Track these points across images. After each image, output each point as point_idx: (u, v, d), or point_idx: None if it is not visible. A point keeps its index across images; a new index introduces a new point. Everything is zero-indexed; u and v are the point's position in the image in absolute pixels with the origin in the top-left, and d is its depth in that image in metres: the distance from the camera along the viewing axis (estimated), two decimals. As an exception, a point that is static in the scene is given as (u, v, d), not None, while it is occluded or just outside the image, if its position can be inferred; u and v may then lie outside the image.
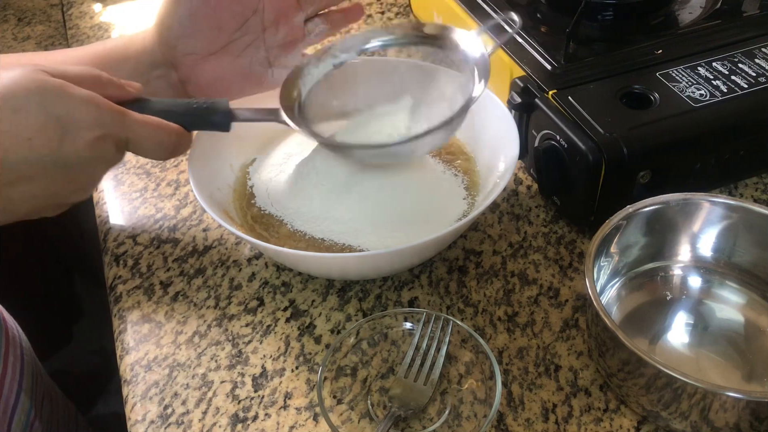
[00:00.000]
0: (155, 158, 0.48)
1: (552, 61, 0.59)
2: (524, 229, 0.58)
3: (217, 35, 0.53)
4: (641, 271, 0.51)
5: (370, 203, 0.53)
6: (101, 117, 0.42)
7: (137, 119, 0.44)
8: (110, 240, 0.60)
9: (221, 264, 0.57)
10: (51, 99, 0.40)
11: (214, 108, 0.49)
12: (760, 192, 0.60)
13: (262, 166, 0.60)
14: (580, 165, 0.51)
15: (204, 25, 0.52)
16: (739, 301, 0.50)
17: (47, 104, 0.40)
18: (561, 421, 0.45)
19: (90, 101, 0.41)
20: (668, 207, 0.49)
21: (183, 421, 0.46)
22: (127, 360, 0.50)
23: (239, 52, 0.55)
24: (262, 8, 0.54)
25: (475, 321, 0.51)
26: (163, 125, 0.46)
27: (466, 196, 0.57)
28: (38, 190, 0.42)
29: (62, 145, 0.41)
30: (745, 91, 0.54)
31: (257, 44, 0.55)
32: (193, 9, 0.51)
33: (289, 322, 0.52)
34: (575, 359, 0.48)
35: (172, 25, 0.52)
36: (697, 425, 0.41)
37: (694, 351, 0.47)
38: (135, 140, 0.45)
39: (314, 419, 0.46)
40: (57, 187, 0.43)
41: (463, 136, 0.62)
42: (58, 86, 0.40)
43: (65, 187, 0.43)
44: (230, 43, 0.54)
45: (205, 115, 0.49)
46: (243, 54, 0.55)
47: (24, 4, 1.04)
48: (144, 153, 0.47)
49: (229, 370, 0.49)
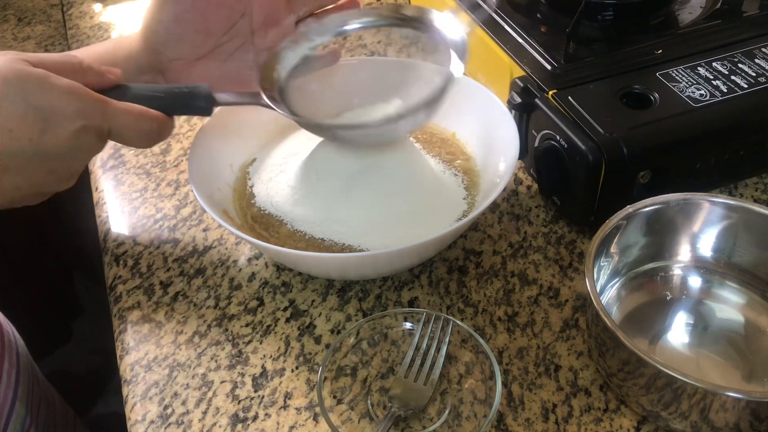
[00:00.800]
0: (137, 146, 0.47)
1: (552, 61, 0.59)
2: (524, 229, 0.58)
3: (204, 39, 0.52)
4: (641, 271, 0.51)
5: (370, 203, 0.53)
6: (83, 107, 0.41)
7: (119, 108, 0.44)
8: (110, 240, 0.60)
9: (221, 264, 0.57)
10: (32, 89, 0.39)
11: (195, 93, 0.49)
12: (760, 192, 0.60)
13: (262, 166, 0.60)
14: (580, 165, 0.51)
15: (191, 30, 0.51)
16: (739, 301, 0.50)
17: (28, 95, 0.39)
18: (561, 421, 0.45)
19: (72, 91, 0.41)
20: (668, 207, 0.49)
21: (183, 421, 0.46)
22: (127, 360, 0.50)
23: (227, 57, 0.53)
24: (250, 11, 0.53)
25: (475, 321, 0.51)
26: (144, 113, 0.45)
27: (466, 196, 0.57)
28: (20, 180, 0.41)
29: (43, 136, 0.40)
30: (745, 91, 0.54)
31: (245, 48, 0.54)
32: (179, 13, 0.50)
33: (289, 322, 0.52)
34: (575, 359, 0.48)
35: (158, 30, 0.51)
36: (697, 425, 0.41)
37: (694, 351, 0.47)
38: (117, 130, 0.44)
39: (314, 419, 0.46)
40: (38, 178, 0.42)
41: (463, 136, 0.62)
42: (39, 76, 0.40)
43: (47, 177, 0.43)
44: (218, 47, 0.53)
45: (187, 100, 0.48)
46: (231, 58, 0.54)
47: (24, 4, 1.04)
48: (126, 141, 0.46)
49: (229, 370, 0.49)
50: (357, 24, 0.56)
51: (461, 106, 0.60)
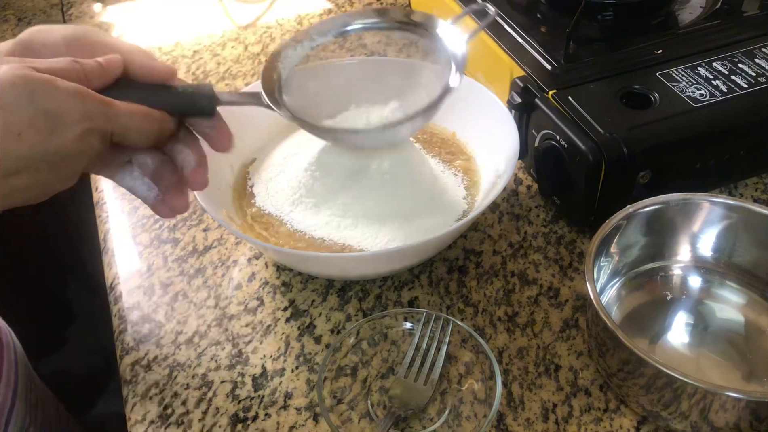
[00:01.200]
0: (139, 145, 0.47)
1: (552, 61, 0.59)
2: (524, 229, 0.58)
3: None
4: (641, 271, 0.51)
5: (370, 203, 0.53)
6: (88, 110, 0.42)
7: (123, 110, 0.44)
8: (110, 240, 0.60)
9: (221, 264, 0.57)
10: (39, 93, 0.40)
11: (198, 92, 0.49)
12: (760, 192, 0.60)
13: (262, 166, 0.60)
14: (580, 165, 0.51)
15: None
16: (739, 301, 0.50)
17: (35, 99, 0.40)
18: (561, 421, 0.45)
19: (77, 94, 0.41)
20: (668, 207, 0.49)
21: (183, 421, 0.46)
22: (127, 360, 0.50)
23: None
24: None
25: (475, 321, 0.51)
26: (148, 114, 0.45)
27: (466, 196, 0.57)
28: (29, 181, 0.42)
29: (51, 138, 0.41)
30: (745, 91, 0.54)
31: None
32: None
33: (289, 322, 0.52)
34: (575, 359, 0.48)
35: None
36: (697, 425, 0.41)
37: (694, 351, 0.47)
38: (120, 131, 0.44)
39: (314, 419, 0.46)
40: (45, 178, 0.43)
41: (463, 136, 0.62)
42: (45, 81, 0.40)
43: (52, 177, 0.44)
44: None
45: (190, 100, 0.49)
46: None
47: (24, 4, 1.04)
48: (128, 142, 0.46)
49: (229, 370, 0.49)
50: (359, 25, 0.56)
51: (461, 106, 0.60)
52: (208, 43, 0.85)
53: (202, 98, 0.49)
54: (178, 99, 0.48)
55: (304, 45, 0.55)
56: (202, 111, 0.49)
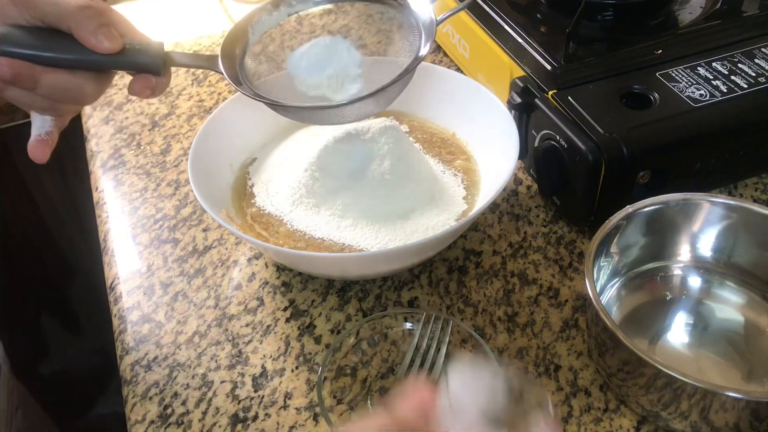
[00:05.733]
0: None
1: (552, 61, 0.59)
2: (524, 229, 0.58)
3: None
4: (641, 271, 0.51)
5: (370, 203, 0.53)
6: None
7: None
8: (110, 240, 0.60)
9: (221, 264, 0.57)
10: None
11: (146, 50, 0.48)
12: (760, 192, 0.60)
13: (262, 166, 0.60)
14: (580, 165, 0.51)
15: None
16: (739, 301, 0.50)
17: None
18: (561, 421, 0.45)
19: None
20: (668, 207, 0.49)
21: (183, 421, 0.46)
22: (127, 360, 0.50)
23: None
24: None
25: (475, 321, 0.51)
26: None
27: (466, 196, 0.57)
28: None
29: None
30: (745, 91, 0.54)
31: None
32: None
33: (289, 322, 0.52)
34: (575, 359, 0.48)
35: None
36: (697, 425, 0.41)
37: (694, 351, 0.47)
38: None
39: (314, 419, 0.46)
40: None
41: (463, 136, 0.62)
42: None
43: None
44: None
45: (133, 59, 0.48)
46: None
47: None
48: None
49: (229, 370, 0.49)
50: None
51: (461, 106, 0.60)
52: (208, 43, 0.85)
53: (147, 57, 0.48)
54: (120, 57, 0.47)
55: (281, 10, 0.54)
56: (147, 68, 0.48)
